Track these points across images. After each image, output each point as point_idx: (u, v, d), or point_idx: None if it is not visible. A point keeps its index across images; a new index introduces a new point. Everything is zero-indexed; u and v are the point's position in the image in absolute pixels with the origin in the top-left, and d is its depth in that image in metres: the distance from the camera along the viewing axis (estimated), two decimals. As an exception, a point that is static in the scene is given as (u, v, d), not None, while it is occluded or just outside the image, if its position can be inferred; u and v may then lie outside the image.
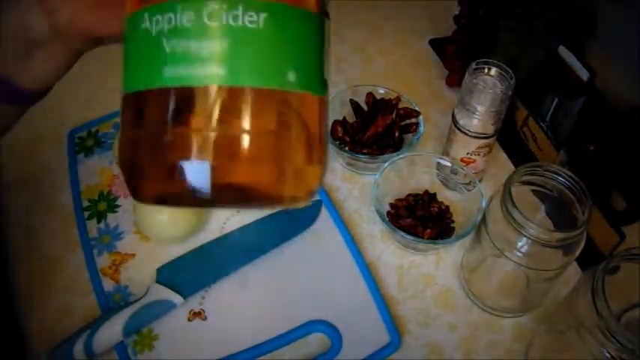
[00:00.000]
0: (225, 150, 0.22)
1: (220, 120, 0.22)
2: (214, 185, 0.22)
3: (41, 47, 0.29)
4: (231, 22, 0.21)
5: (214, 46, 0.21)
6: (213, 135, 0.22)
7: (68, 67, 0.31)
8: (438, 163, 0.59)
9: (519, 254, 0.45)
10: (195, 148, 0.22)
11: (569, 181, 0.45)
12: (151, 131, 0.23)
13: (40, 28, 0.28)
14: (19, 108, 0.32)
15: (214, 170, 0.22)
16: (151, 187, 0.24)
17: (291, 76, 0.23)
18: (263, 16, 0.22)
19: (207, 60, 0.21)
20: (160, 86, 0.22)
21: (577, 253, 0.45)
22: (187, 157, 0.22)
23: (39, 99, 0.32)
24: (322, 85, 0.25)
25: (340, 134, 0.61)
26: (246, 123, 0.22)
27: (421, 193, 0.59)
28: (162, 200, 0.25)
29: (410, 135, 0.61)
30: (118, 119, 0.65)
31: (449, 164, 0.58)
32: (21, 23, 0.28)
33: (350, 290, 0.52)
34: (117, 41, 0.28)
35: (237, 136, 0.22)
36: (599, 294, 0.36)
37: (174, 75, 0.21)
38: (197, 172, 0.22)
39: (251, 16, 0.21)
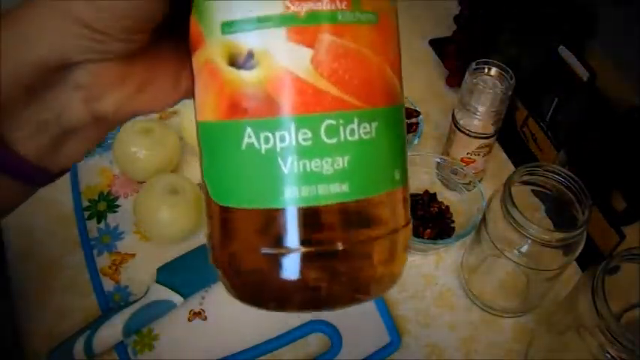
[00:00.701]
0: (347, 261, 0.22)
1: (339, 233, 0.22)
2: (332, 293, 0.22)
3: (76, 132, 0.25)
4: (348, 137, 0.21)
5: (335, 163, 0.21)
6: (334, 248, 0.22)
7: (99, 143, 0.28)
8: (438, 163, 0.59)
9: (519, 254, 0.45)
10: (315, 264, 0.22)
11: (569, 181, 0.45)
12: (260, 247, 0.22)
13: (79, 116, 0.24)
14: (33, 187, 0.28)
15: (334, 281, 0.22)
16: (255, 294, 0.24)
17: (397, 175, 0.23)
18: (375, 124, 0.21)
19: (329, 178, 0.21)
20: (275, 207, 0.21)
21: (577, 253, 0.45)
22: (306, 273, 0.22)
23: (60, 176, 0.28)
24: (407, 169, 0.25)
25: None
26: (366, 232, 0.22)
27: (421, 193, 0.59)
28: (262, 304, 0.24)
29: (410, 135, 0.61)
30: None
31: (449, 164, 0.58)
32: (56, 113, 0.24)
33: (350, 290, 0.52)
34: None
35: (358, 246, 0.22)
36: (599, 294, 0.36)
37: (294, 196, 0.21)
38: (313, 287, 0.22)
39: (365, 127, 0.21)
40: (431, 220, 0.56)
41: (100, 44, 0.21)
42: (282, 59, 0.20)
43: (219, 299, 0.52)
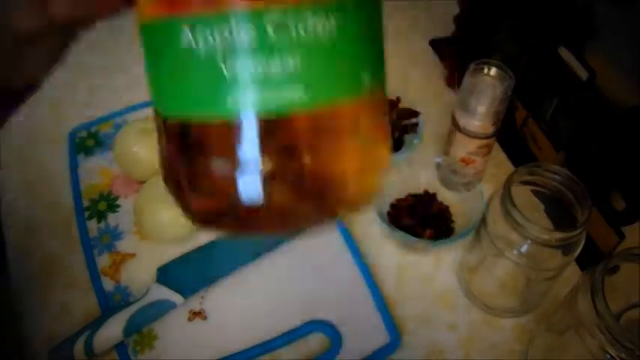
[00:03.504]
0: (310, 177, 0.19)
1: (298, 147, 0.19)
2: (295, 212, 0.20)
3: (33, 44, 0.24)
4: (302, 33, 0.18)
5: (286, 65, 0.18)
6: (293, 163, 0.19)
7: (58, 61, 0.27)
8: (438, 163, 0.59)
9: (519, 254, 0.45)
10: (272, 180, 0.19)
11: (569, 181, 0.45)
12: (209, 162, 0.20)
13: (29, 23, 0.23)
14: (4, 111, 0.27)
15: (296, 199, 0.20)
16: (210, 216, 0.22)
17: (365, 78, 0.20)
18: (335, 19, 0.18)
19: (279, 83, 0.18)
20: (220, 116, 0.19)
21: (577, 253, 0.45)
22: (258, 190, 0.19)
23: (29, 97, 0.27)
24: (385, 72, 0.22)
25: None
26: (328, 144, 0.20)
27: (421, 193, 0.59)
28: (219, 227, 0.22)
29: (410, 135, 0.61)
30: (118, 119, 0.65)
31: (449, 164, 0.58)
32: (3, 22, 0.23)
33: (350, 290, 0.52)
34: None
35: (320, 160, 0.20)
36: (599, 294, 0.36)
37: (238, 104, 0.18)
38: (272, 207, 0.19)
39: (322, 22, 0.18)
40: (431, 220, 0.56)
41: None
42: None
43: (219, 299, 0.52)
